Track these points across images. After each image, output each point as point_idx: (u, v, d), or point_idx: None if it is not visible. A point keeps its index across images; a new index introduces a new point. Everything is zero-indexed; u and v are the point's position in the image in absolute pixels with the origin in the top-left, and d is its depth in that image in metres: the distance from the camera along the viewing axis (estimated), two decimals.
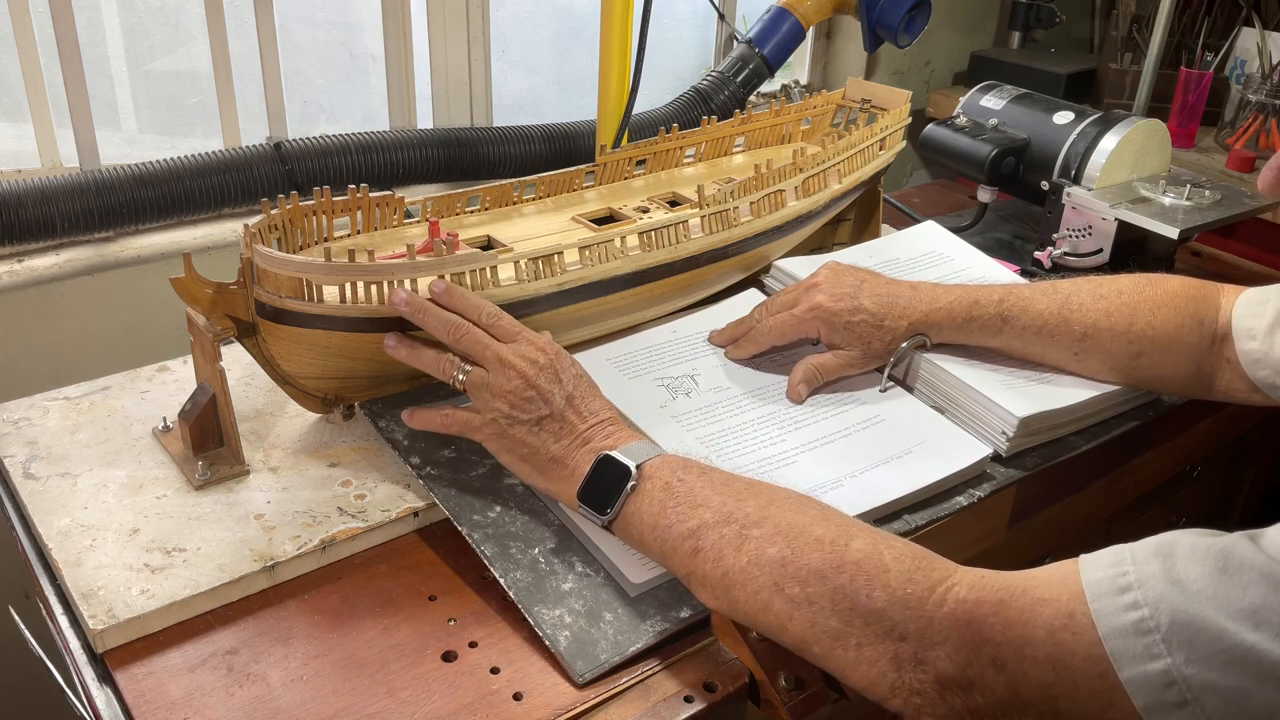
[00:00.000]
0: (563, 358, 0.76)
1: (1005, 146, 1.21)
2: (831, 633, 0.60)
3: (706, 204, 0.93)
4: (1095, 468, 0.93)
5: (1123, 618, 0.54)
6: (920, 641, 0.58)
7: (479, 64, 1.38)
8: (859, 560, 0.61)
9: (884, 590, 0.59)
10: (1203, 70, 1.58)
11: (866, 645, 0.59)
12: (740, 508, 0.65)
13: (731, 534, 0.64)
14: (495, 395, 0.73)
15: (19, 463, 0.80)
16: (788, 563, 0.62)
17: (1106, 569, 0.57)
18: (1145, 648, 0.53)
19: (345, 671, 0.65)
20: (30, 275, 1.11)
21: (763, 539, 0.63)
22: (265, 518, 0.76)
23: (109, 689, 0.65)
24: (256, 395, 0.89)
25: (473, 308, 0.77)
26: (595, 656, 0.66)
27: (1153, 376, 0.89)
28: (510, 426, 0.73)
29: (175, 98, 1.31)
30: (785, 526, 0.64)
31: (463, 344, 0.75)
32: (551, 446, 0.73)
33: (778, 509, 0.65)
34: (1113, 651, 0.54)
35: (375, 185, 1.07)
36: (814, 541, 0.62)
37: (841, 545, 0.62)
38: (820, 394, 0.89)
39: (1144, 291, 0.89)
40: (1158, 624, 0.53)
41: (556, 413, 0.73)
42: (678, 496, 0.67)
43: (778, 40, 1.46)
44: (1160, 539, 0.57)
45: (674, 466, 0.69)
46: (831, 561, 0.61)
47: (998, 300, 0.89)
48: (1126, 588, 0.55)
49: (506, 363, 0.74)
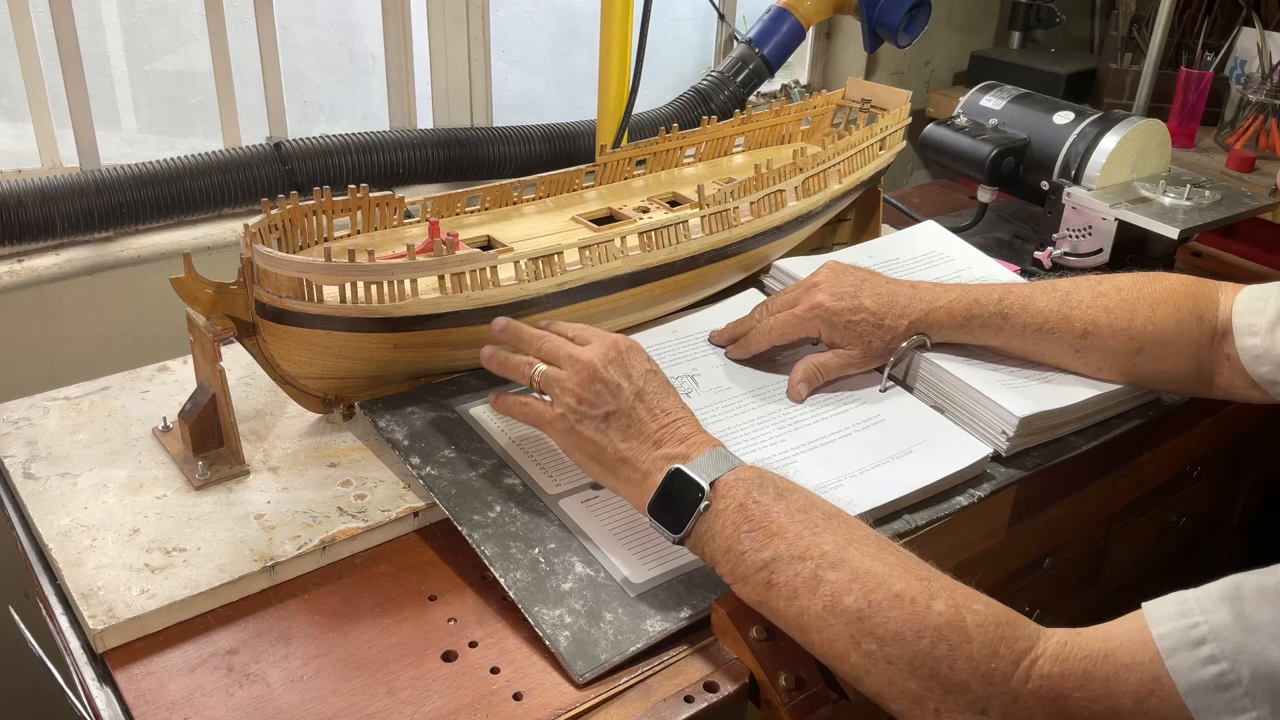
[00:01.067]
0: (635, 353, 0.75)
1: (1005, 146, 1.21)
2: (910, 695, 0.59)
3: (706, 204, 0.93)
4: (1095, 468, 0.93)
5: (1201, 673, 0.53)
6: (1004, 716, 0.57)
7: (479, 64, 1.38)
8: (940, 626, 0.58)
9: (967, 663, 0.57)
10: (1203, 70, 1.58)
11: (946, 712, 0.58)
12: (817, 543, 0.63)
13: (807, 573, 0.62)
14: (564, 389, 0.73)
15: (19, 463, 0.80)
16: (865, 617, 0.60)
17: (1175, 620, 0.55)
18: (1229, 703, 0.52)
19: (345, 671, 0.65)
20: (30, 275, 1.11)
21: (839, 585, 0.61)
22: (265, 518, 0.76)
23: (109, 689, 0.65)
24: (256, 395, 0.89)
25: (563, 328, 0.79)
26: (595, 656, 0.66)
27: (1153, 373, 0.89)
28: (579, 422, 0.72)
29: (175, 98, 1.31)
30: (863, 574, 0.61)
31: (544, 350, 0.76)
32: (620, 445, 0.71)
33: (856, 550, 0.62)
34: (1196, 708, 0.53)
35: (375, 185, 1.07)
36: (893, 598, 0.60)
37: (923, 606, 0.59)
38: (820, 394, 0.89)
39: (1143, 289, 0.88)
40: (1238, 677, 0.52)
41: (625, 408, 0.72)
42: (753, 520, 0.65)
43: (778, 40, 1.45)
44: (1225, 583, 0.56)
45: (749, 485, 0.66)
46: (912, 625, 0.59)
47: (997, 299, 0.89)
48: (1201, 640, 0.54)
49: (575, 358, 0.74)
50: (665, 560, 0.72)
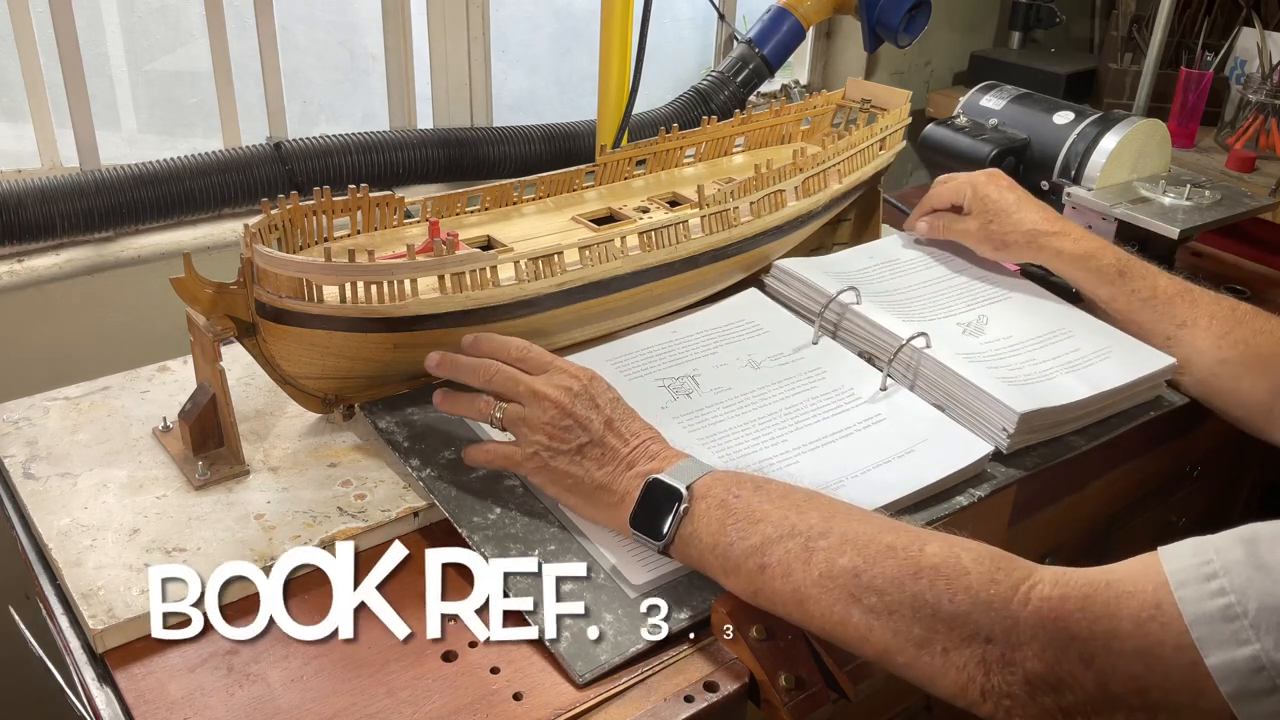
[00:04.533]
0: (597, 382, 0.75)
1: (1005, 146, 1.21)
2: (916, 640, 0.59)
3: (706, 204, 0.93)
4: (1095, 468, 0.93)
5: (1209, 604, 0.54)
6: (1007, 643, 0.58)
7: (479, 64, 1.38)
8: (936, 564, 0.60)
9: (966, 593, 0.59)
10: (1203, 70, 1.58)
11: (953, 650, 0.59)
12: (803, 519, 0.64)
13: (797, 547, 0.63)
14: (533, 429, 0.72)
15: (19, 463, 0.80)
16: (861, 572, 0.61)
17: (1189, 558, 0.56)
18: (1233, 633, 0.53)
19: (345, 671, 0.65)
20: (30, 275, 1.11)
21: (831, 550, 0.62)
22: (265, 518, 0.76)
23: (109, 689, 0.65)
24: (256, 395, 0.89)
25: (500, 347, 0.77)
26: (595, 656, 0.66)
27: (1227, 389, 0.91)
28: (552, 459, 0.72)
29: (175, 98, 1.31)
30: (853, 535, 0.62)
31: (495, 384, 0.75)
32: (596, 474, 0.71)
33: (841, 520, 0.64)
34: (1199, 638, 0.54)
35: (375, 185, 1.07)
36: (886, 549, 0.61)
37: (916, 550, 0.61)
38: (820, 394, 0.89)
39: (1259, 316, 0.92)
40: (1245, 609, 0.53)
41: (596, 439, 0.72)
42: (735, 513, 0.66)
43: (778, 40, 1.46)
44: (1242, 529, 0.57)
45: (727, 483, 0.68)
46: (908, 568, 0.60)
47: (1125, 258, 0.97)
48: (1212, 575, 0.55)
49: (540, 394, 0.73)
50: (665, 561, 0.72)
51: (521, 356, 0.76)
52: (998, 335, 0.97)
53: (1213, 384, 0.92)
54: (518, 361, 0.76)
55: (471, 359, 0.77)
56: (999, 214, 1.01)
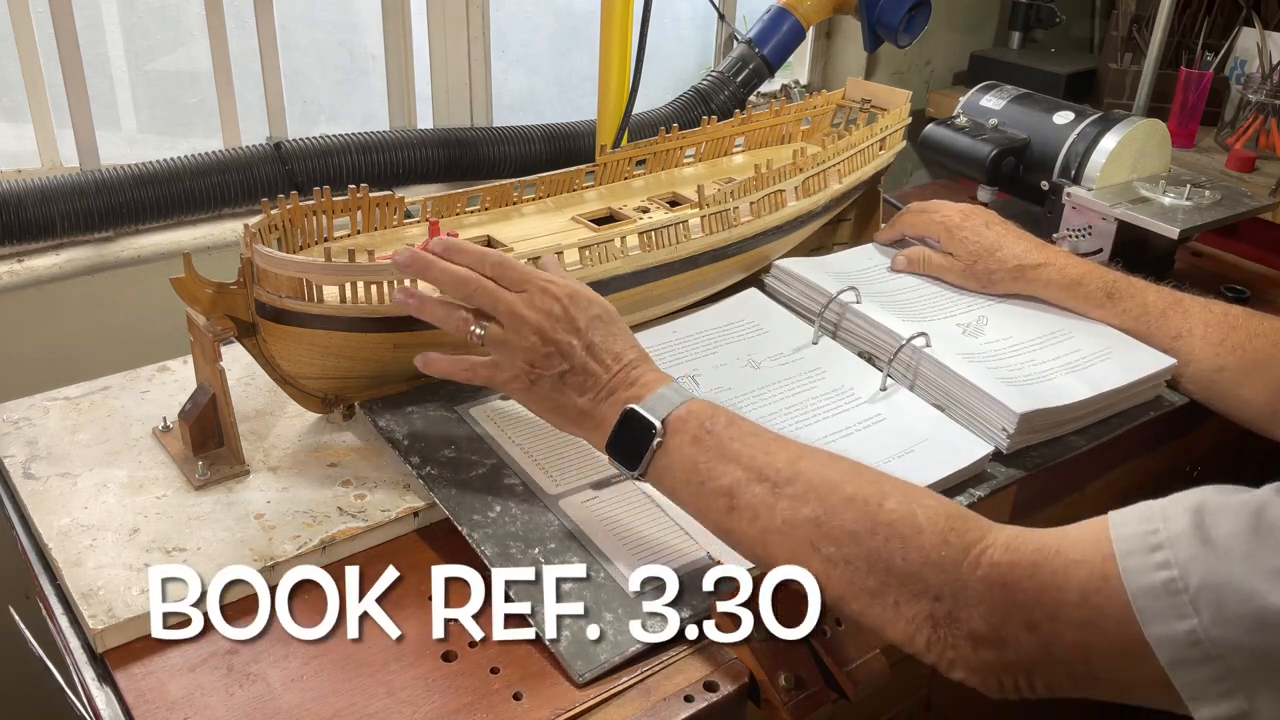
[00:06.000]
0: (578, 300, 0.73)
1: (1005, 146, 1.21)
2: (869, 590, 0.61)
3: (706, 204, 0.93)
4: (1095, 468, 0.93)
5: (1152, 577, 0.55)
6: (955, 602, 0.59)
7: (479, 64, 1.38)
8: (893, 521, 0.61)
9: (919, 552, 0.60)
10: (1203, 70, 1.58)
11: (904, 603, 0.60)
12: (771, 463, 0.66)
13: (765, 492, 0.65)
14: (515, 353, 0.72)
15: (19, 463, 0.80)
16: (821, 523, 0.63)
17: (1137, 525, 0.57)
18: (1174, 608, 0.54)
19: (345, 671, 0.65)
20: (30, 275, 1.11)
21: (796, 498, 0.64)
22: (265, 517, 0.76)
23: (109, 689, 0.65)
24: (256, 395, 0.89)
25: (477, 258, 0.74)
26: (595, 656, 0.66)
27: (1229, 395, 0.91)
28: (534, 384, 0.72)
29: (175, 98, 1.31)
30: (817, 483, 0.64)
31: (475, 299, 0.73)
32: (578, 401, 0.72)
33: (808, 463, 0.65)
34: (1141, 610, 0.54)
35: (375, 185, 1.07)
36: (846, 501, 0.63)
37: (875, 505, 0.62)
38: (820, 394, 0.89)
39: (1250, 319, 0.92)
40: (1186, 584, 0.54)
41: (578, 365, 0.71)
42: (708, 450, 0.67)
43: (778, 40, 1.45)
44: (1191, 495, 0.58)
45: (701, 418, 0.68)
46: (865, 523, 0.62)
47: (1111, 279, 0.98)
48: (1157, 546, 0.55)
49: (521, 317, 0.71)
50: (665, 562, 0.72)
51: (499, 273, 0.74)
52: (997, 336, 0.97)
53: (1213, 390, 0.93)
54: (495, 277, 0.74)
55: (450, 266, 0.74)
56: (982, 254, 1.01)
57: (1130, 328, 0.97)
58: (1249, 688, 0.53)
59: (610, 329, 0.73)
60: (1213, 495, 0.57)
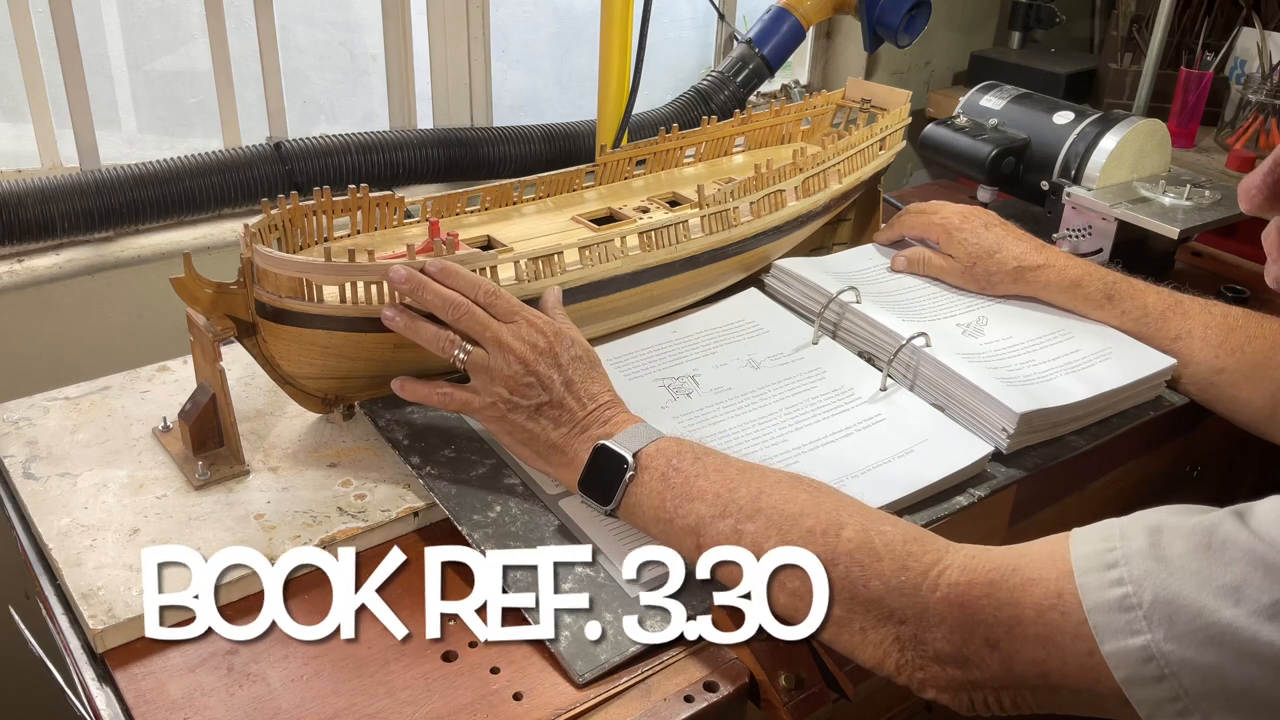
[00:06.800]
0: (562, 339, 0.75)
1: (1005, 146, 1.21)
2: (836, 620, 0.63)
3: (706, 204, 0.93)
4: (1095, 468, 0.93)
5: (1107, 594, 0.56)
6: (919, 624, 0.60)
7: (479, 64, 1.38)
8: (851, 551, 0.63)
9: (879, 579, 0.62)
10: (1203, 70, 1.58)
11: (870, 629, 0.62)
12: (734, 499, 0.67)
13: (728, 529, 0.66)
14: (495, 379, 0.73)
15: (19, 463, 0.80)
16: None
17: (1095, 543, 0.58)
18: (1127, 623, 0.55)
19: (345, 671, 0.65)
20: (30, 275, 1.11)
21: (757, 534, 0.65)
22: (265, 518, 0.76)
23: (109, 689, 0.65)
24: (256, 395, 0.89)
25: (470, 285, 0.76)
26: (595, 656, 0.66)
27: (1227, 397, 0.92)
28: (510, 411, 0.74)
29: (175, 98, 1.31)
30: (778, 519, 0.65)
31: (463, 323, 0.74)
32: (551, 434, 0.73)
33: (768, 498, 0.66)
34: (1096, 625, 0.55)
35: (375, 185, 1.07)
36: (806, 534, 0.64)
37: (833, 536, 0.63)
38: (820, 394, 0.89)
39: (1249, 321, 0.92)
40: (1140, 600, 0.55)
41: (555, 399, 0.73)
42: (674, 488, 0.68)
43: (778, 40, 1.46)
44: (1149, 514, 0.59)
45: (669, 454, 0.70)
46: (825, 556, 0.63)
47: (1111, 280, 0.98)
48: (1113, 564, 0.56)
49: (506, 346, 0.73)
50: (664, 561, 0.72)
51: (490, 301, 0.75)
52: (997, 336, 0.97)
53: (1212, 392, 0.93)
54: (486, 305, 0.75)
55: (442, 289, 0.75)
56: (981, 256, 1.01)
57: (1130, 329, 0.97)
58: (1205, 711, 0.53)
59: (590, 371, 0.76)
60: (1170, 516, 0.58)
